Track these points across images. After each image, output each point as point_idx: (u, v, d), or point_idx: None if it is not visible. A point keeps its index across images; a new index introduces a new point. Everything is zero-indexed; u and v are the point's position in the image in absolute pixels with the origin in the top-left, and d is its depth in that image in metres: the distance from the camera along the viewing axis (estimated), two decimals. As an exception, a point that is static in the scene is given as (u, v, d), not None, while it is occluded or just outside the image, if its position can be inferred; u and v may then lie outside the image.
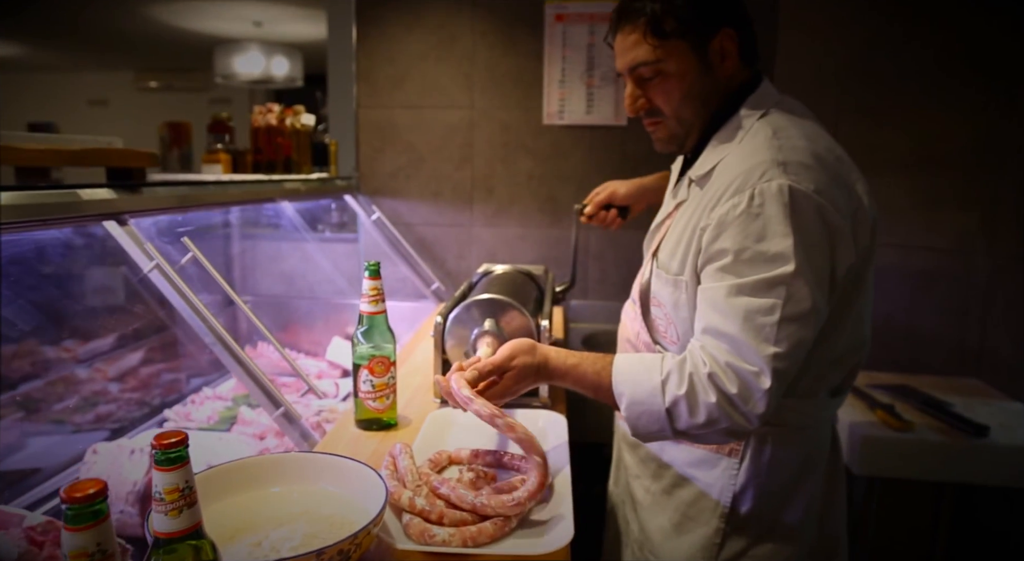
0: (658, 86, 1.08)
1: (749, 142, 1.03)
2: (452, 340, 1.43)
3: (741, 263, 0.94)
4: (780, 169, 0.95)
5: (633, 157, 2.75)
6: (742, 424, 0.94)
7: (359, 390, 1.31)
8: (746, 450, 1.11)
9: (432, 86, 2.79)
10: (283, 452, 1.37)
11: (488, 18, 2.73)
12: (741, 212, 0.95)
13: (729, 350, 0.94)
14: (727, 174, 1.00)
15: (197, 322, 1.34)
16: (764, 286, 0.93)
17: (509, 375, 1.05)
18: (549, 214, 2.83)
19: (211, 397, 2.10)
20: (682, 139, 1.14)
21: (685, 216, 1.09)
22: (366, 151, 2.86)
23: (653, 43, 1.04)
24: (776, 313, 0.92)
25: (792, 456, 1.12)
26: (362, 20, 2.77)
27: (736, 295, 0.94)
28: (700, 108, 1.09)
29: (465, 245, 2.89)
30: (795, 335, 0.93)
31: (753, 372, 0.92)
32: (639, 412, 0.98)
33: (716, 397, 0.93)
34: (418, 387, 1.61)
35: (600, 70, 2.72)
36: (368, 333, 1.31)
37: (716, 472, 1.13)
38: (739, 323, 0.93)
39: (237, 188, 1.81)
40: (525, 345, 1.06)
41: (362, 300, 1.31)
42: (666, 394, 0.96)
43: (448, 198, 2.86)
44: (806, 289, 0.92)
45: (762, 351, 0.92)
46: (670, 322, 1.12)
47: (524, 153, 2.81)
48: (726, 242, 0.96)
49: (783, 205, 0.93)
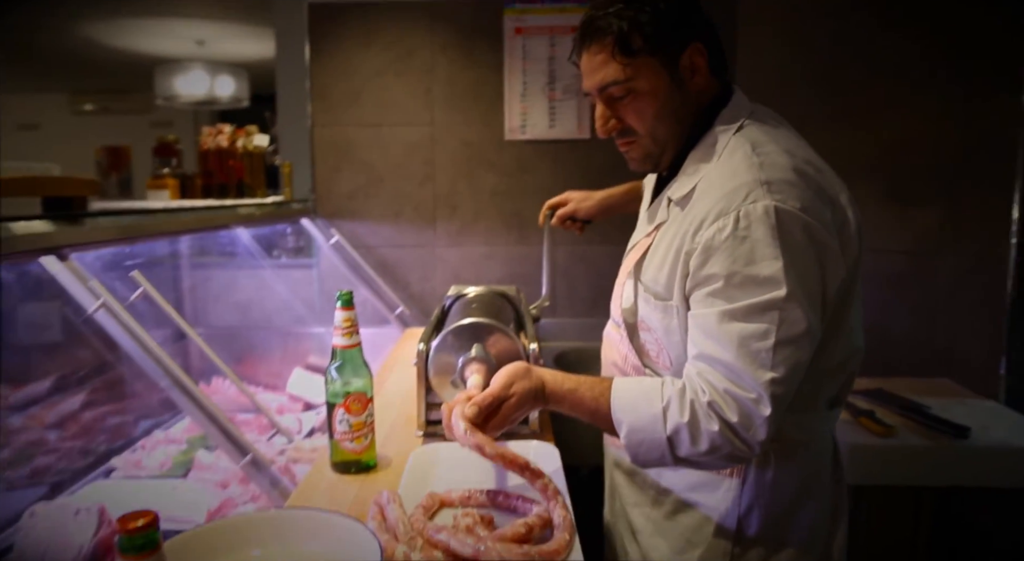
0: (629, 105, 1.04)
1: (728, 160, 1.00)
2: (436, 369, 1.34)
3: (731, 288, 0.92)
4: (764, 189, 0.92)
5: (599, 170, 2.71)
6: (743, 451, 0.92)
7: (335, 431, 1.21)
8: (748, 470, 1.06)
9: (390, 102, 2.70)
10: (254, 504, 1.26)
11: (447, 31, 2.66)
12: (728, 236, 0.92)
13: (726, 377, 0.92)
14: (709, 196, 0.97)
15: (150, 364, 1.22)
16: (757, 311, 0.90)
17: (509, 404, 1.00)
18: (515, 230, 2.77)
19: (163, 441, 1.95)
20: (657, 158, 1.10)
21: (667, 238, 1.05)
22: (322, 171, 2.74)
23: (622, 62, 1.01)
24: (770, 338, 0.90)
25: (795, 473, 1.08)
26: (315, 35, 2.67)
27: (729, 321, 0.92)
28: (674, 125, 1.06)
29: (429, 266, 2.80)
30: (791, 359, 0.91)
31: (752, 399, 0.90)
32: (639, 440, 0.96)
33: (719, 425, 0.91)
34: (394, 422, 1.51)
35: (562, 83, 2.68)
36: (342, 369, 1.20)
37: (718, 495, 1.08)
38: (734, 349, 0.91)
39: (188, 215, 1.68)
40: (520, 369, 1.02)
41: (334, 333, 1.21)
42: (667, 422, 0.93)
43: (410, 218, 2.77)
44: (799, 311, 0.90)
45: (759, 377, 0.90)
46: (662, 347, 1.08)
47: (487, 169, 2.74)
48: (714, 267, 0.93)
49: (770, 227, 0.90)
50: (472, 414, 0.97)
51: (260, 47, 5.67)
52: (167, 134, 2.28)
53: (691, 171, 1.05)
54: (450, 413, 1.00)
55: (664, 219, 1.08)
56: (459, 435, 0.96)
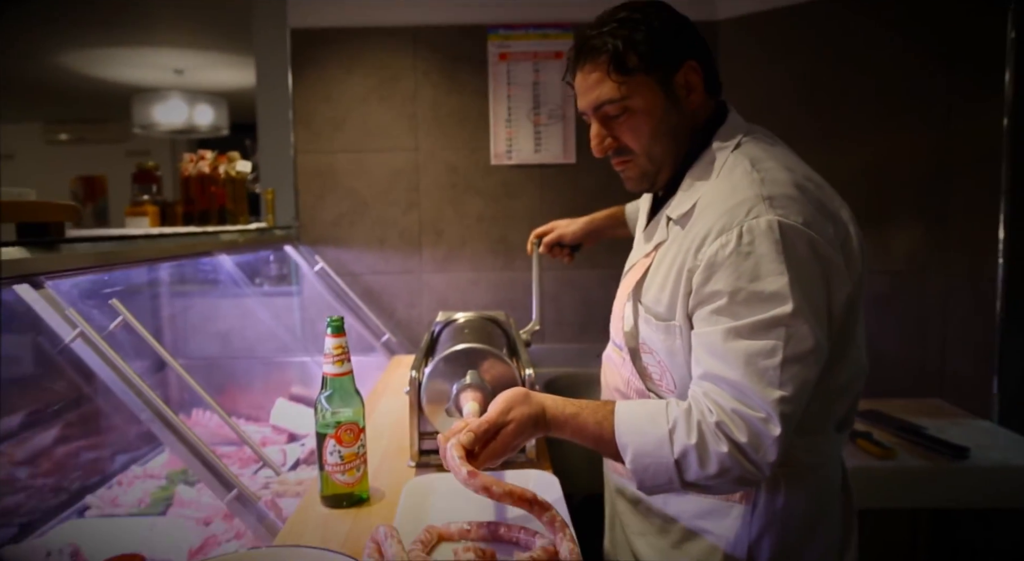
0: (625, 124, 1.03)
1: (727, 177, 0.99)
2: (429, 397, 1.29)
3: (736, 305, 0.90)
4: (766, 204, 0.91)
5: (585, 194, 2.70)
6: (753, 473, 0.90)
7: (325, 463, 1.15)
8: (758, 496, 1.03)
9: (374, 128, 2.68)
10: (238, 542, 1.19)
11: (431, 57, 2.66)
12: (731, 252, 0.91)
13: (733, 396, 0.90)
14: (711, 213, 0.96)
15: (129, 396, 1.16)
16: (763, 328, 0.89)
17: (507, 431, 0.95)
18: (502, 256, 2.74)
19: (141, 476, 1.87)
20: (653, 177, 1.08)
21: (668, 257, 1.03)
22: (306, 198, 2.70)
23: (617, 80, 1.00)
24: (778, 355, 0.88)
25: (806, 498, 1.05)
26: (297, 61, 2.65)
27: (735, 339, 0.90)
28: (670, 143, 1.05)
29: (415, 293, 2.76)
30: (799, 376, 0.89)
31: (761, 418, 0.88)
32: (646, 464, 0.92)
33: (727, 446, 0.88)
34: (385, 452, 1.45)
35: (547, 108, 2.68)
36: (333, 398, 1.16)
37: (728, 522, 1.05)
38: (741, 368, 0.89)
39: (169, 242, 1.64)
40: (519, 395, 0.98)
41: (324, 360, 1.16)
42: (674, 445, 0.90)
43: (395, 244, 2.73)
44: (806, 327, 0.89)
45: (767, 396, 0.87)
46: (665, 370, 1.05)
47: (473, 194, 2.72)
48: (718, 284, 0.92)
49: (774, 241, 0.89)
50: (468, 442, 0.92)
51: (240, 76, 5.65)
52: (146, 161, 2.23)
53: (689, 189, 1.04)
54: (446, 444, 0.95)
55: (663, 238, 1.06)
56: (456, 471, 0.90)
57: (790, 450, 0.97)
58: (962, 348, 2.24)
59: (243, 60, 5.13)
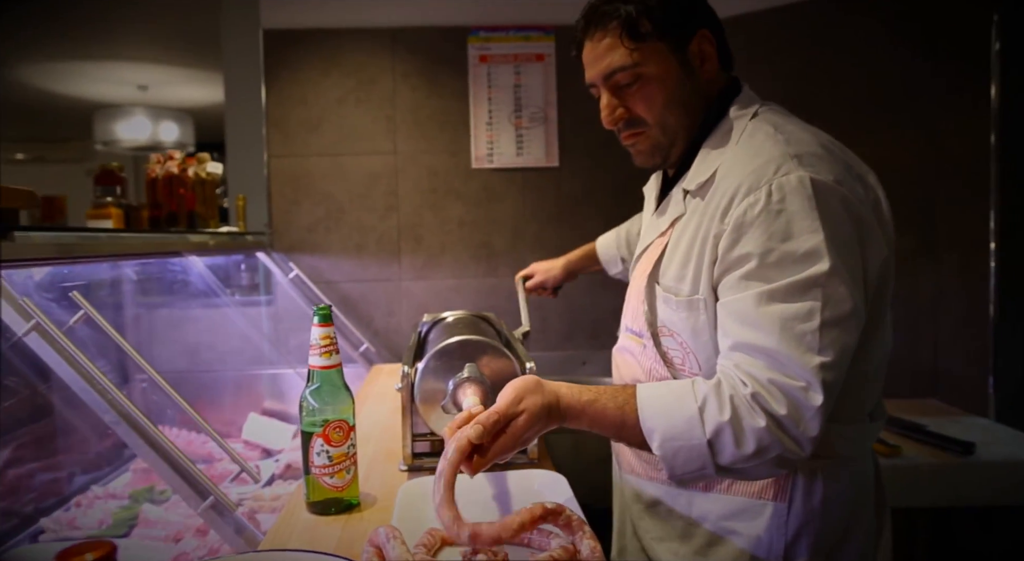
0: (638, 93, 0.98)
1: (748, 141, 0.94)
2: (422, 394, 1.20)
3: (768, 267, 0.84)
4: (795, 162, 0.86)
5: (569, 197, 2.64)
6: (794, 451, 0.81)
7: (312, 465, 1.05)
8: (794, 492, 0.95)
9: (351, 131, 2.60)
10: (215, 556, 1.07)
11: (410, 59, 2.59)
12: (760, 210, 0.84)
13: (769, 365, 0.82)
14: (734, 175, 0.90)
15: (93, 396, 1.04)
16: (798, 289, 0.82)
17: (519, 422, 0.85)
18: (484, 262, 2.66)
19: (101, 497, 1.72)
20: (666, 149, 1.03)
21: (689, 230, 0.96)
22: (279, 204, 2.60)
23: (629, 46, 0.95)
24: (815, 318, 0.81)
25: (844, 493, 0.97)
26: (271, 63, 2.56)
27: (767, 303, 0.83)
28: (684, 114, 1.00)
29: (394, 300, 2.65)
30: (839, 341, 0.82)
31: (800, 388, 0.80)
32: (676, 448, 0.83)
33: (765, 420, 0.80)
34: (373, 458, 1.35)
35: (529, 110, 2.62)
36: (320, 392, 1.05)
37: (761, 522, 0.96)
38: (776, 333, 0.81)
39: (135, 237, 1.52)
40: (530, 383, 0.88)
41: (311, 352, 1.06)
42: (706, 424, 0.82)
43: (373, 251, 2.63)
44: (844, 288, 0.82)
45: (807, 362, 0.80)
46: (688, 352, 0.98)
47: (454, 198, 2.64)
48: (747, 245, 0.85)
49: (807, 198, 0.83)
50: (477, 435, 0.82)
51: (207, 92, 5.52)
52: (111, 161, 2.11)
53: (706, 159, 0.98)
54: (452, 439, 0.84)
55: (681, 212, 0.99)
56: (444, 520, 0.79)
57: (828, 439, 0.91)
58: (955, 348, 2.22)
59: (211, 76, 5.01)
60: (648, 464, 1.07)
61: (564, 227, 2.65)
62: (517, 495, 1.12)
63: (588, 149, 2.65)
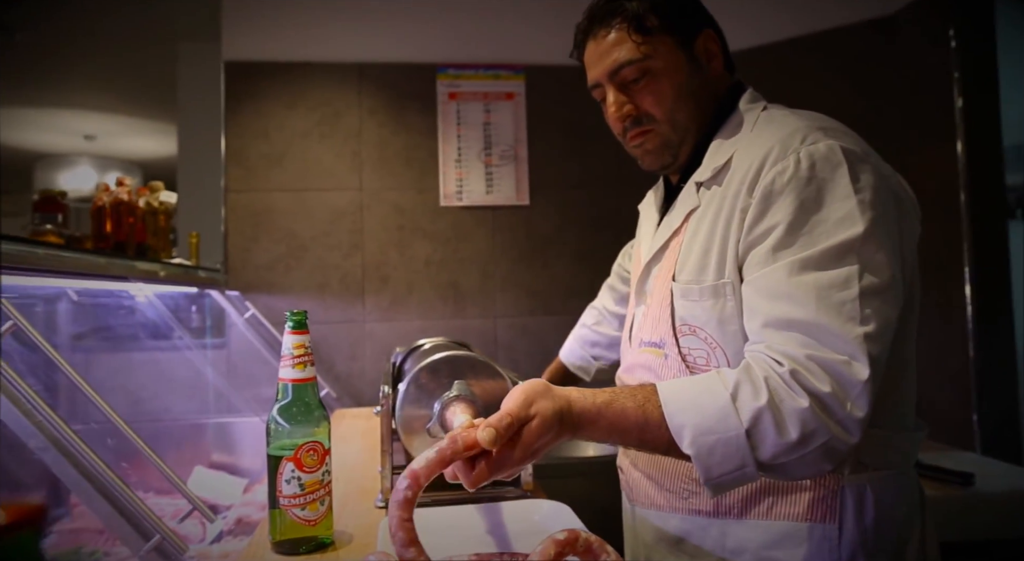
0: (646, 88, 0.94)
1: (765, 124, 0.90)
2: (405, 418, 1.07)
3: (800, 235, 0.78)
4: (821, 132, 0.82)
5: (539, 236, 2.58)
6: (841, 437, 0.72)
7: (280, 495, 0.90)
8: (844, 511, 0.85)
9: (315, 166, 2.50)
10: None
11: (377, 95, 2.54)
12: (789, 178, 0.79)
13: (805, 340, 0.74)
14: (757, 149, 0.85)
15: (20, 420, 0.89)
16: (833, 256, 0.76)
17: (531, 428, 0.73)
18: (452, 303, 2.55)
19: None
20: (676, 147, 0.97)
21: (707, 218, 0.90)
22: (237, 241, 2.46)
23: (637, 40, 0.92)
24: (854, 285, 0.75)
25: (896, 511, 0.87)
26: (232, 94, 2.47)
27: (800, 272, 0.76)
28: (694, 109, 0.95)
29: (358, 343, 2.51)
30: (881, 313, 0.75)
31: (843, 361, 0.73)
32: (710, 445, 0.73)
33: (808, 400, 0.71)
34: (346, 493, 1.20)
35: (499, 148, 2.58)
36: (292, 409, 0.92)
37: (809, 548, 0.85)
38: (812, 304, 0.75)
39: (77, 256, 1.37)
40: (539, 386, 0.76)
41: (282, 363, 0.93)
42: (741, 412, 0.73)
43: (336, 291, 2.50)
44: (881, 255, 0.77)
45: (848, 333, 0.73)
46: (714, 347, 0.89)
47: (421, 237, 2.55)
48: (777, 215, 0.80)
49: (837, 164, 0.79)
50: (489, 438, 0.70)
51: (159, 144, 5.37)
52: (52, 187, 1.96)
53: (719, 149, 0.93)
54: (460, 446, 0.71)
55: (695, 205, 0.93)
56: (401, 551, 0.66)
57: (875, 447, 0.83)
58: (937, 383, 2.19)
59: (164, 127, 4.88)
60: (671, 493, 0.96)
61: (535, 266, 2.58)
62: (516, 529, 0.99)
63: (559, 188, 2.61)
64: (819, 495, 0.85)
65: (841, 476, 0.84)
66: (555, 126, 2.61)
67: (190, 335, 2.42)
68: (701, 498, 0.92)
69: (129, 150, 5.80)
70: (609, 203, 2.61)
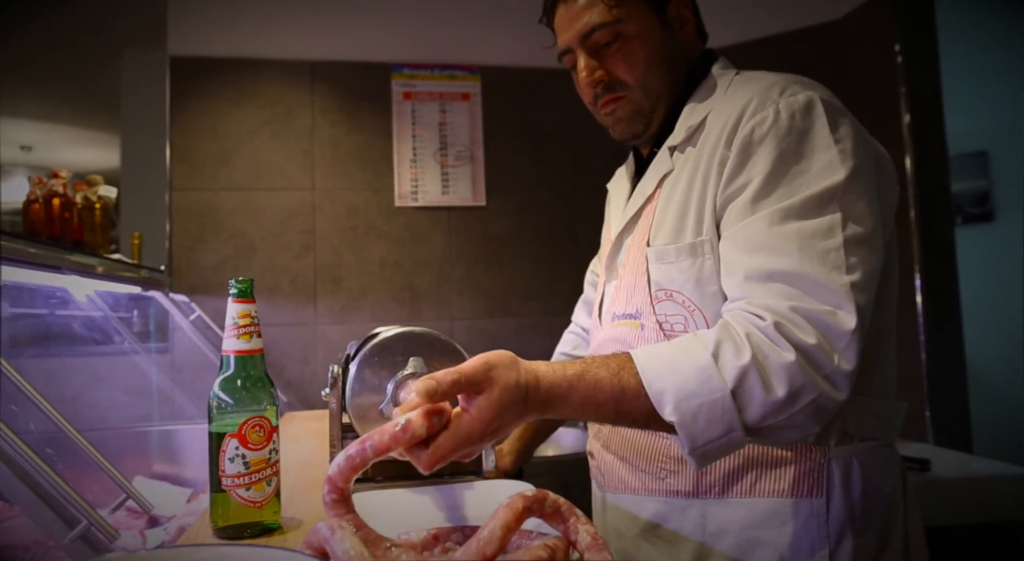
0: (618, 52, 0.91)
1: (740, 84, 0.88)
2: (356, 401, 1.01)
3: (780, 186, 0.76)
4: (799, 85, 0.81)
5: (496, 238, 2.55)
6: (830, 393, 0.69)
7: (223, 474, 0.84)
8: (831, 487, 0.81)
9: (265, 165, 2.43)
10: None
11: (330, 94, 2.49)
12: (769, 127, 0.78)
13: (788, 291, 0.71)
14: (731, 107, 0.83)
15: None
16: (814, 204, 0.74)
17: (490, 399, 0.65)
18: (408, 305, 2.49)
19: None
20: (648, 114, 0.95)
21: (683, 178, 0.87)
22: (182, 241, 2.36)
23: (609, 3, 0.90)
24: (837, 234, 0.72)
25: (883, 486, 0.84)
26: (178, 90, 2.38)
27: (782, 221, 0.74)
28: (666, 75, 0.93)
29: (309, 347, 2.42)
30: (866, 263, 0.73)
31: (829, 312, 0.70)
32: (695, 408, 0.68)
33: (794, 354, 0.68)
34: (294, 486, 1.13)
35: (455, 149, 2.56)
36: (234, 383, 0.86)
37: (796, 526, 0.81)
38: (795, 253, 0.72)
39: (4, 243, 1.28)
40: (504, 357, 0.68)
41: (227, 334, 0.87)
42: (724, 371, 0.68)
43: (286, 292, 2.42)
44: (863, 204, 0.75)
45: (834, 282, 0.70)
46: (692, 310, 0.85)
47: (375, 238, 2.49)
48: (756, 166, 0.77)
49: (817, 116, 0.77)
50: (428, 390, 0.62)
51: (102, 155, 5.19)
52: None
53: (693, 112, 0.91)
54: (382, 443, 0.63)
55: (669, 168, 0.90)
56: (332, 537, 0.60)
57: (860, 415, 0.80)
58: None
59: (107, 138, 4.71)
60: (647, 475, 0.91)
61: (492, 268, 2.55)
62: (477, 512, 0.95)
63: (516, 190, 2.59)
64: (805, 468, 0.82)
65: (827, 448, 0.81)
66: (512, 127, 2.60)
67: (132, 338, 2.30)
68: (680, 477, 0.87)
69: (69, 161, 5.60)
70: (566, 205, 2.61)
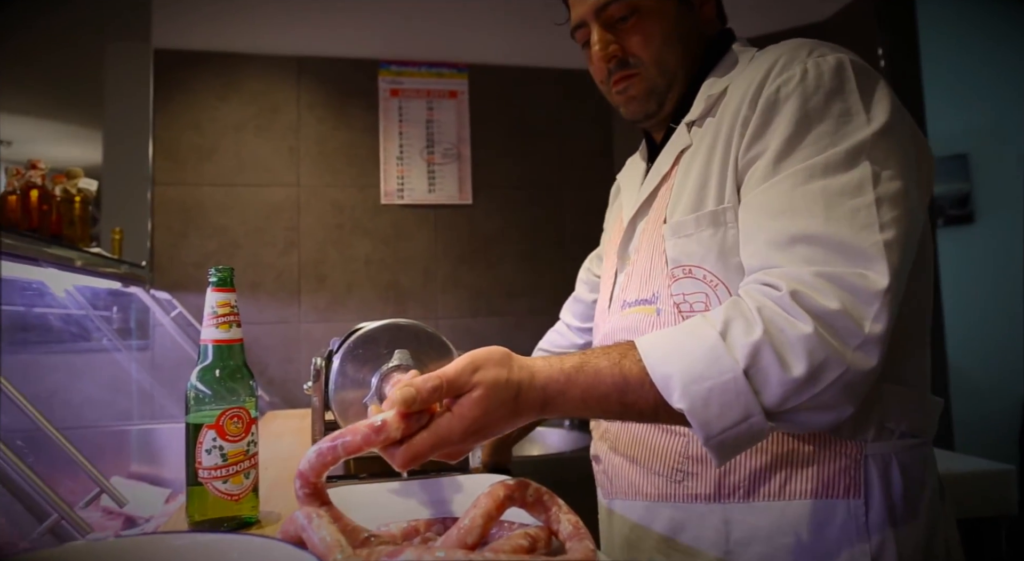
0: (633, 27, 0.87)
1: (762, 57, 0.82)
2: (339, 394, 1.00)
3: (804, 146, 0.70)
4: (829, 48, 0.75)
5: (482, 236, 2.54)
6: (859, 364, 0.61)
7: (200, 467, 0.82)
8: (869, 487, 0.74)
9: (250, 160, 2.41)
10: None
11: (317, 90, 2.47)
12: (795, 86, 0.72)
13: (812, 255, 0.65)
14: (754, 72, 0.78)
15: None
16: (841, 160, 0.68)
17: (472, 399, 0.60)
18: (393, 303, 2.47)
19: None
20: (663, 94, 0.90)
21: (702, 151, 0.82)
22: (164, 236, 2.33)
23: None
24: (867, 191, 0.66)
25: (924, 486, 0.77)
26: (162, 83, 2.35)
27: (806, 181, 0.68)
28: (683, 52, 0.89)
29: (292, 345, 2.40)
30: (901, 222, 0.66)
31: (857, 274, 0.63)
32: (705, 392, 0.61)
33: (811, 324, 0.61)
34: (274, 481, 1.11)
35: (442, 147, 2.54)
36: (212, 373, 0.84)
37: (832, 531, 0.74)
38: (821, 214, 0.66)
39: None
40: (495, 353, 0.63)
41: (205, 324, 0.86)
42: (734, 349, 0.62)
43: (270, 290, 2.39)
44: (895, 161, 0.68)
45: (864, 241, 0.64)
46: (715, 284, 0.78)
47: (361, 235, 2.47)
48: (779, 125, 0.72)
49: (847, 78, 0.72)
50: (406, 400, 0.58)
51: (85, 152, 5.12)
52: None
53: (712, 87, 0.86)
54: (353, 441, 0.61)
55: (687, 144, 0.86)
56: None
57: (896, 407, 0.74)
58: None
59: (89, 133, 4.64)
60: (661, 478, 0.83)
61: (478, 266, 2.54)
62: (461, 505, 0.93)
63: (502, 188, 2.58)
64: (841, 466, 0.74)
65: (864, 443, 0.74)
66: (498, 126, 2.59)
67: (112, 335, 2.27)
68: (698, 479, 0.79)
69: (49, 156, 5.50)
70: (552, 204, 2.60)
